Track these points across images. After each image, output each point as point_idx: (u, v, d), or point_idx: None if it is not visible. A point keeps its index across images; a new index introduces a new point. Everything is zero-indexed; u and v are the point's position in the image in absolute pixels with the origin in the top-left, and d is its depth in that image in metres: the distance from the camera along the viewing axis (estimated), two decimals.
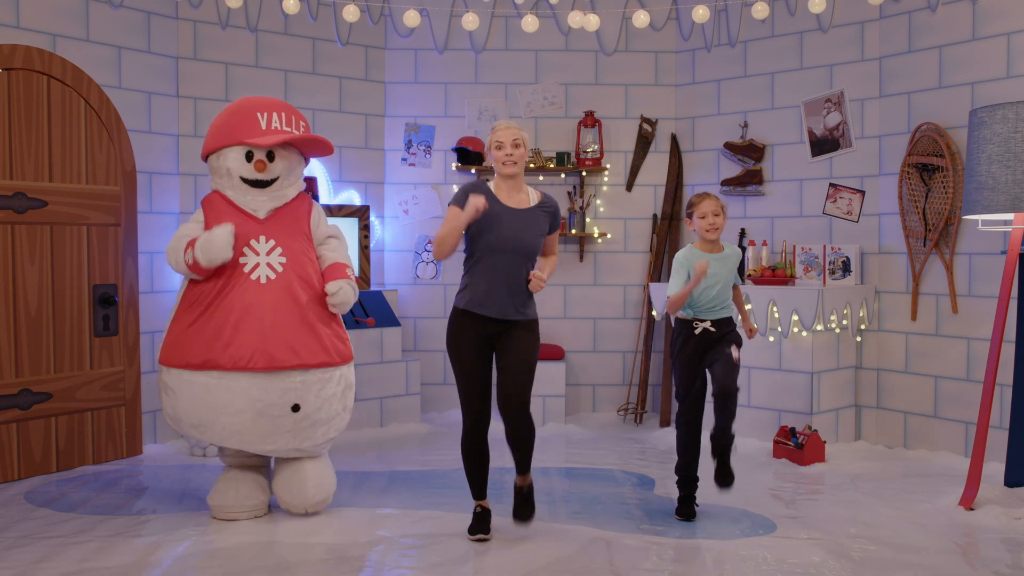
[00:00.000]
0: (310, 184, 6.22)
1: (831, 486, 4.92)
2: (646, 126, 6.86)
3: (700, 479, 4.38)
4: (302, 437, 4.18)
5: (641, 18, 5.88)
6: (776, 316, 5.70)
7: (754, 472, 5.19)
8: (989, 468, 4.89)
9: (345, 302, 4.28)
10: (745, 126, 6.48)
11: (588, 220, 6.82)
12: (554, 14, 6.74)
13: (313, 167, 6.34)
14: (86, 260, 5.35)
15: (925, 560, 3.74)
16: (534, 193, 4.04)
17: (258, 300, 4.11)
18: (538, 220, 3.96)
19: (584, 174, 6.76)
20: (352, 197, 6.69)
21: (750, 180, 6.41)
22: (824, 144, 6.13)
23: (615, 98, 6.88)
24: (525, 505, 3.97)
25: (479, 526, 4.01)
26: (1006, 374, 4.92)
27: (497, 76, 6.85)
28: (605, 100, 6.85)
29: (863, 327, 5.91)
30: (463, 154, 6.67)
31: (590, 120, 6.74)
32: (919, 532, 4.10)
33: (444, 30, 6.78)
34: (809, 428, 5.46)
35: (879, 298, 5.92)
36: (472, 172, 6.77)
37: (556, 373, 6.46)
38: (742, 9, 6.40)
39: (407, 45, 6.86)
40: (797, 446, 5.38)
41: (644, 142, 6.88)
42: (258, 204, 4.29)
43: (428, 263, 6.86)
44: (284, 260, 4.21)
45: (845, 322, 5.75)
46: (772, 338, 5.75)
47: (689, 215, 4.33)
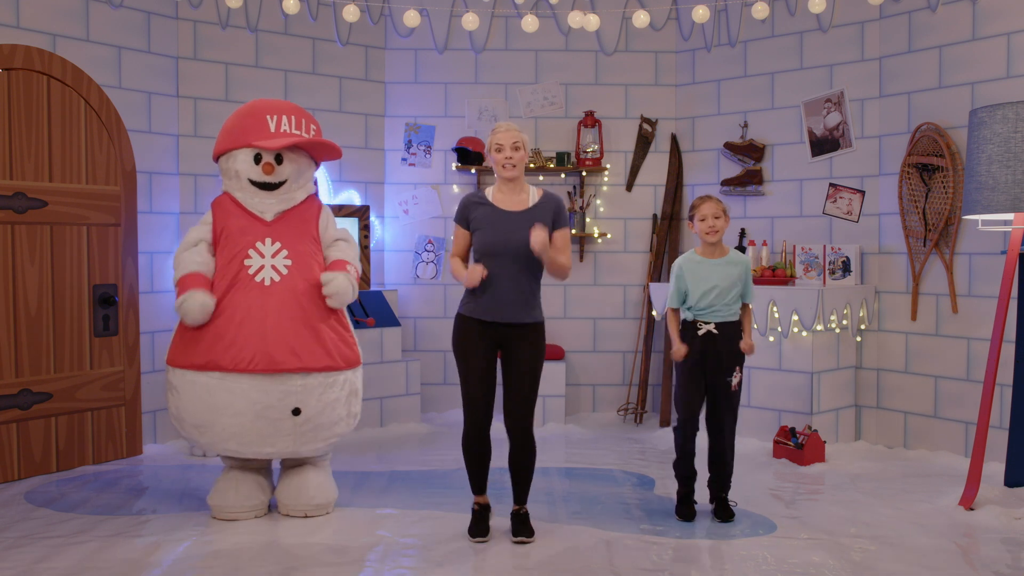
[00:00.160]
0: None
1: (831, 486, 4.92)
2: (646, 126, 6.86)
3: (698, 472, 4.38)
4: (302, 441, 4.16)
5: (641, 18, 5.87)
6: (776, 316, 5.70)
7: (754, 472, 5.19)
8: (989, 468, 4.89)
9: (339, 292, 4.20)
10: (745, 126, 6.47)
11: (588, 220, 6.82)
12: (554, 14, 6.74)
13: None
14: (86, 260, 5.35)
15: (925, 560, 3.74)
16: (535, 192, 4.01)
17: (261, 302, 4.11)
18: (537, 219, 3.89)
19: (584, 174, 6.76)
20: (352, 197, 6.69)
21: (750, 180, 6.41)
22: (824, 144, 6.13)
23: (615, 98, 6.88)
24: (524, 529, 3.99)
25: (479, 527, 4.01)
26: (1006, 374, 4.92)
27: (497, 76, 6.85)
28: (605, 100, 6.85)
29: (863, 327, 5.91)
30: (463, 154, 6.67)
31: (590, 120, 6.73)
32: (919, 532, 4.10)
33: (444, 30, 6.78)
34: (809, 428, 5.46)
35: (879, 298, 5.92)
36: (472, 172, 6.77)
37: (556, 373, 6.45)
38: (742, 9, 6.40)
39: (407, 45, 6.86)
40: (797, 446, 5.38)
41: (644, 142, 6.88)
42: (265, 206, 4.29)
43: (428, 263, 6.86)
44: (289, 263, 4.21)
45: (845, 322, 5.75)
46: (772, 338, 5.75)
47: (691, 218, 4.33)
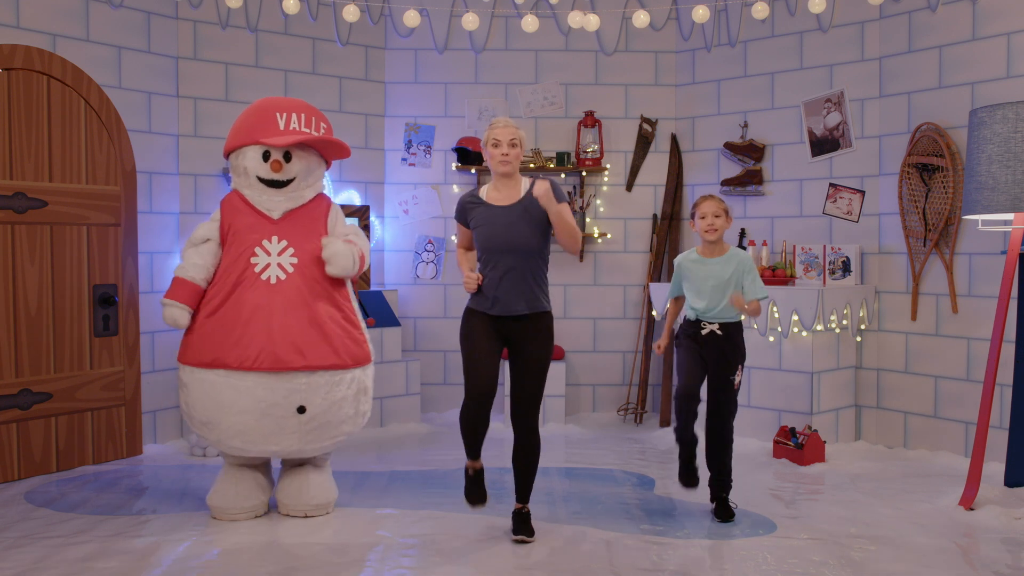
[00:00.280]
0: None
1: (831, 486, 4.92)
2: (646, 126, 6.86)
3: (698, 438, 4.36)
4: (308, 439, 4.16)
5: (641, 18, 5.87)
6: (776, 316, 5.70)
7: (754, 472, 5.19)
8: (989, 468, 4.89)
9: (336, 254, 4.16)
10: (745, 126, 6.47)
11: (588, 220, 6.82)
12: (554, 14, 6.74)
13: None
14: (86, 260, 5.35)
15: (925, 560, 3.74)
16: (526, 182, 3.99)
17: (267, 300, 4.12)
18: (529, 209, 3.88)
19: (584, 174, 6.76)
20: (352, 197, 6.69)
21: (750, 180, 6.41)
22: (824, 144, 6.13)
23: (615, 98, 6.87)
24: (524, 528, 3.99)
25: (476, 492, 3.99)
26: (1006, 374, 4.92)
27: (497, 76, 6.85)
28: (605, 100, 6.85)
29: (863, 327, 5.91)
30: (463, 154, 6.67)
31: (590, 120, 6.73)
32: (919, 532, 4.10)
33: (444, 30, 6.77)
34: (809, 428, 5.46)
35: (879, 298, 5.92)
36: (472, 172, 6.77)
37: (556, 373, 6.45)
38: (742, 9, 6.40)
39: (407, 45, 6.86)
40: (797, 446, 5.38)
41: (644, 142, 6.88)
42: (273, 204, 4.29)
43: (428, 263, 6.86)
44: (296, 261, 4.20)
45: (845, 322, 5.75)
46: (772, 338, 5.75)
47: (692, 216, 4.34)
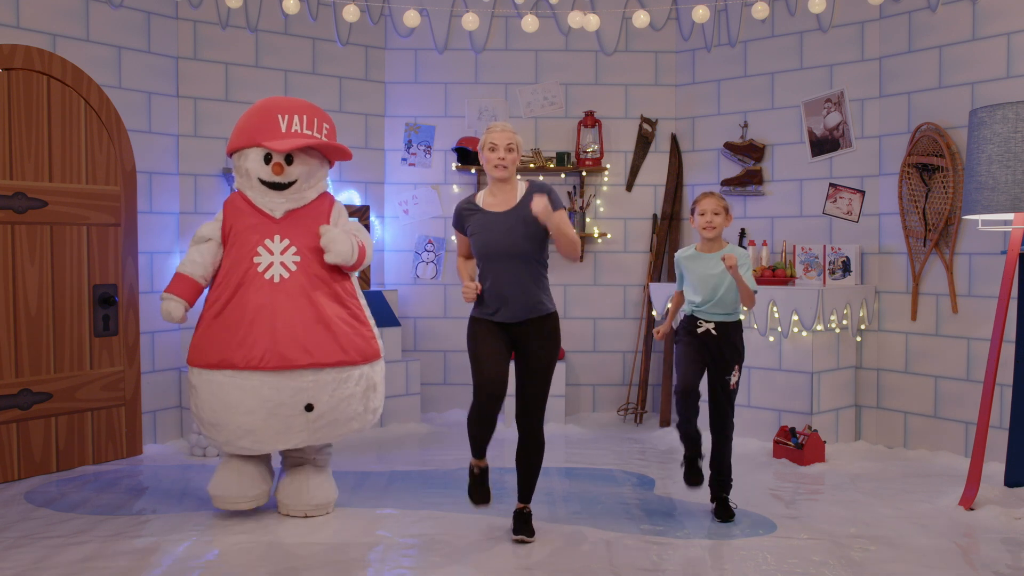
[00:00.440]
0: None
1: (831, 486, 4.92)
2: (646, 126, 6.86)
3: (702, 434, 4.35)
4: (317, 437, 4.19)
5: (641, 18, 5.87)
6: (776, 316, 5.70)
7: (754, 472, 5.19)
8: (989, 468, 4.89)
9: (334, 240, 4.15)
10: (745, 126, 6.47)
11: (588, 220, 6.82)
12: (554, 14, 6.74)
13: None
14: (86, 260, 5.35)
15: (925, 560, 3.74)
16: (523, 186, 3.96)
17: (271, 299, 4.12)
18: (526, 215, 3.83)
19: (584, 174, 6.76)
20: (352, 197, 6.69)
21: (750, 180, 6.41)
22: (824, 144, 6.13)
23: (615, 98, 6.87)
24: (525, 528, 3.99)
25: (480, 492, 3.99)
26: (1006, 374, 4.92)
27: (497, 76, 6.85)
28: (605, 100, 6.85)
29: (863, 327, 5.91)
30: (463, 154, 6.67)
31: (590, 120, 6.73)
32: (919, 532, 4.10)
33: (444, 30, 6.77)
34: (809, 428, 5.46)
35: (879, 298, 5.92)
36: (472, 172, 6.77)
37: (556, 373, 6.38)
38: (742, 9, 6.40)
39: (407, 45, 6.86)
40: (797, 446, 5.38)
41: (644, 142, 6.88)
42: (275, 205, 4.29)
43: (428, 263, 6.86)
44: (298, 259, 4.21)
45: (845, 322, 5.75)
46: (772, 338, 5.75)
47: (693, 212, 4.34)
